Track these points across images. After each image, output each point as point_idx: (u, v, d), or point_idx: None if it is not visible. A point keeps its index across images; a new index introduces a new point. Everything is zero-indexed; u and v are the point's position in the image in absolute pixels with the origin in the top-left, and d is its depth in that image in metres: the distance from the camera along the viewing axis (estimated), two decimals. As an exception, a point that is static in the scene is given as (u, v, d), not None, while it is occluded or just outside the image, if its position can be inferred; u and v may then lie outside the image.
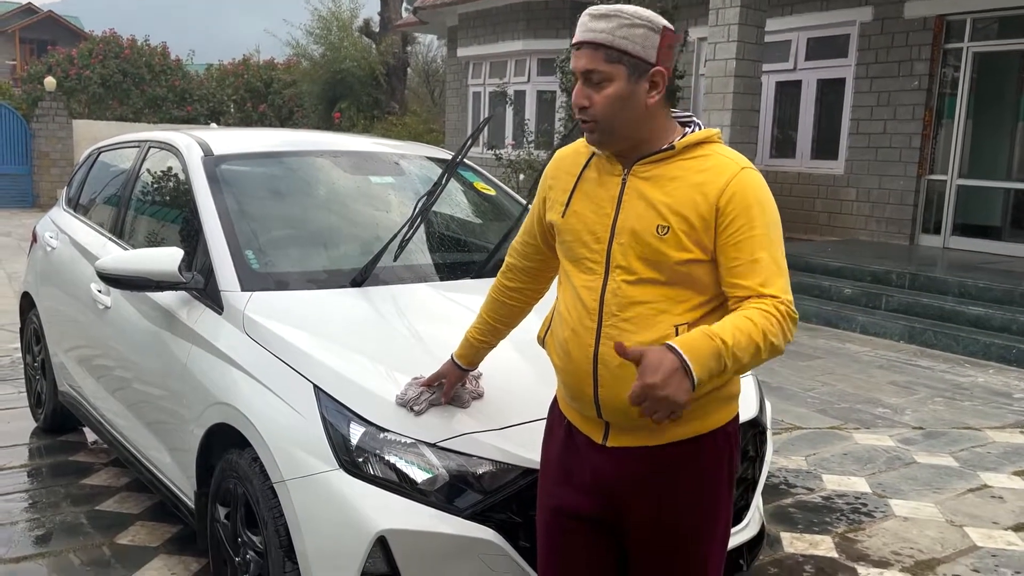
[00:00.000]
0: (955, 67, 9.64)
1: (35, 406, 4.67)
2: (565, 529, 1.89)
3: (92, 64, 23.66)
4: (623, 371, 1.67)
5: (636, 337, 1.69)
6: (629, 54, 1.68)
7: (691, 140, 1.74)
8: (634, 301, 1.71)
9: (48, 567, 3.15)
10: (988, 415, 5.31)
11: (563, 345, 1.81)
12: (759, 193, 1.71)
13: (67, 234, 4.15)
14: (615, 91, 1.69)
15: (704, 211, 1.68)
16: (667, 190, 1.71)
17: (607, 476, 1.81)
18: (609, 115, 1.70)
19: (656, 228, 1.69)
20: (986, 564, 3.35)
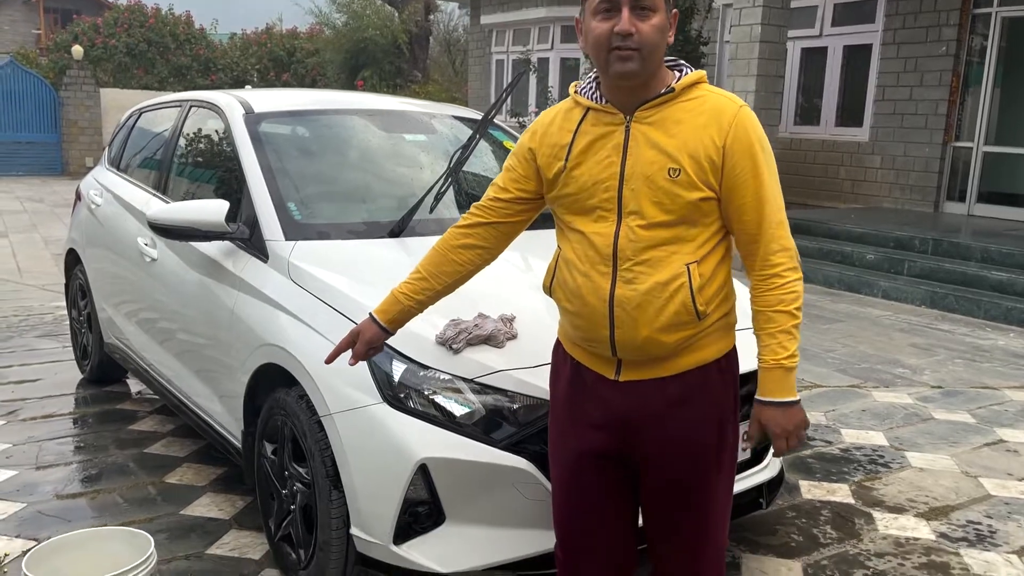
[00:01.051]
0: (983, 33, 9.56)
1: (81, 358, 4.87)
2: (578, 467, 1.97)
3: (117, 33, 23.81)
4: (639, 312, 1.78)
5: (651, 279, 1.77)
6: None
7: (687, 82, 1.81)
8: (648, 245, 1.78)
9: (99, 504, 3.35)
10: (1007, 375, 5.39)
11: (576, 291, 1.86)
12: (759, 132, 1.81)
13: (111, 192, 4.31)
14: (660, 21, 1.75)
15: (712, 152, 1.76)
16: (673, 133, 1.77)
17: (620, 410, 1.88)
18: (652, 44, 1.75)
19: (668, 171, 1.76)
20: (999, 511, 3.46)
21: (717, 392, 1.91)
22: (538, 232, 3.36)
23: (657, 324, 1.78)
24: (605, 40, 1.74)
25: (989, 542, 3.20)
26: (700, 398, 1.88)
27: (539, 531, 2.32)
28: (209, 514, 3.25)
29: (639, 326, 1.79)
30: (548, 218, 3.54)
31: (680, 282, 1.77)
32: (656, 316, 1.78)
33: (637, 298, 1.78)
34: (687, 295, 1.77)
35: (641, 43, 1.73)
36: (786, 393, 1.81)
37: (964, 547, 3.15)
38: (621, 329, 1.81)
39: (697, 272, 1.78)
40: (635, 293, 1.78)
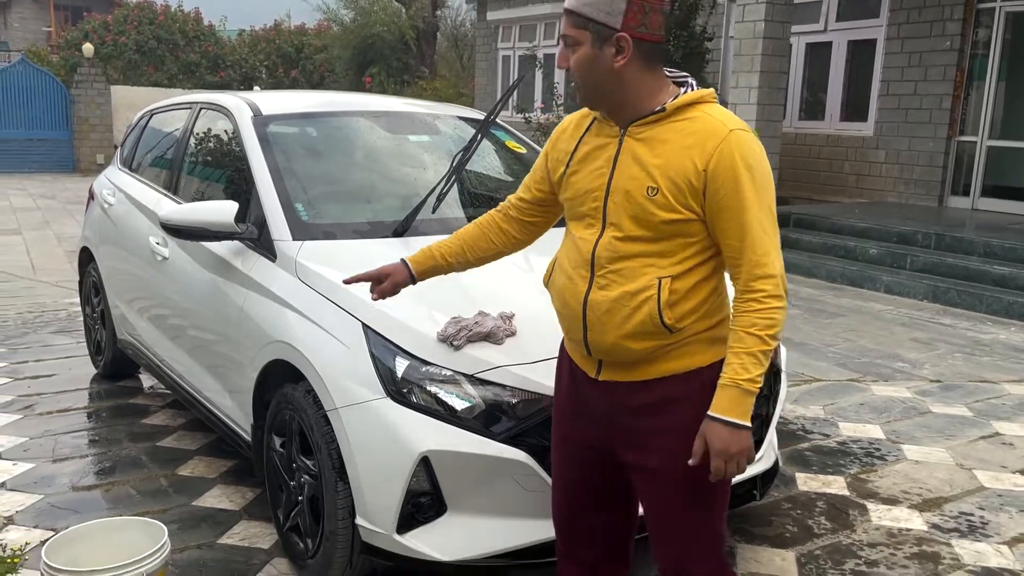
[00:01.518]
0: (987, 27, 9.57)
1: (94, 354, 4.99)
2: (573, 458, 2.05)
3: (127, 30, 23.97)
4: (608, 317, 1.85)
5: (621, 287, 1.83)
6: (593, 20, 1.77)
7: (682, 102, 1.81)
8: (623, 255, 1.83)
9: (114, 496, 3.45)
10: (1006, 369, 5.45)
11: (560, 292, 1.96)
12: (747, 156, 1.75)
13: (124, 191, 4.41)
14: (582, 55, 1.81)
15: (691, 175, 1.76)
16: (658, 152, 1.79)
17: (602, 408, 1.96)
18: (580, 77, 1.83)
19: (647, 189, 1.79)
20: (992, 503, 3.53)
21: (697, 400, 1.86)
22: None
23: (623, 331, 1.83)
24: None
25: (981, 533, 3.27)
26: (681, 405, 1.88)
27: (537, 521, 2.41)
28: (220, 505, 3.35)
29: (607, 330, 1.85)
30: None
31: (648, 294, 1.81)
32: (622, 323, 1.83)
33: (606, 304, 1.84)
34: (654, 307, 1.80)
35: (575, 76, 1.84)
36: (737, 414, 1.77)
37: (955, 538, 3.23)
38: (592, 331, 1.88)
39: (669, 287, 1.81)
40: (605, 299, 1.85)
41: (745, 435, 1.78)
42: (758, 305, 1.77)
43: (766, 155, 1.83)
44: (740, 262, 1.79)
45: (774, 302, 1.78)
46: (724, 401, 1.78)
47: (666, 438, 1.89)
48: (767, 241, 1.78)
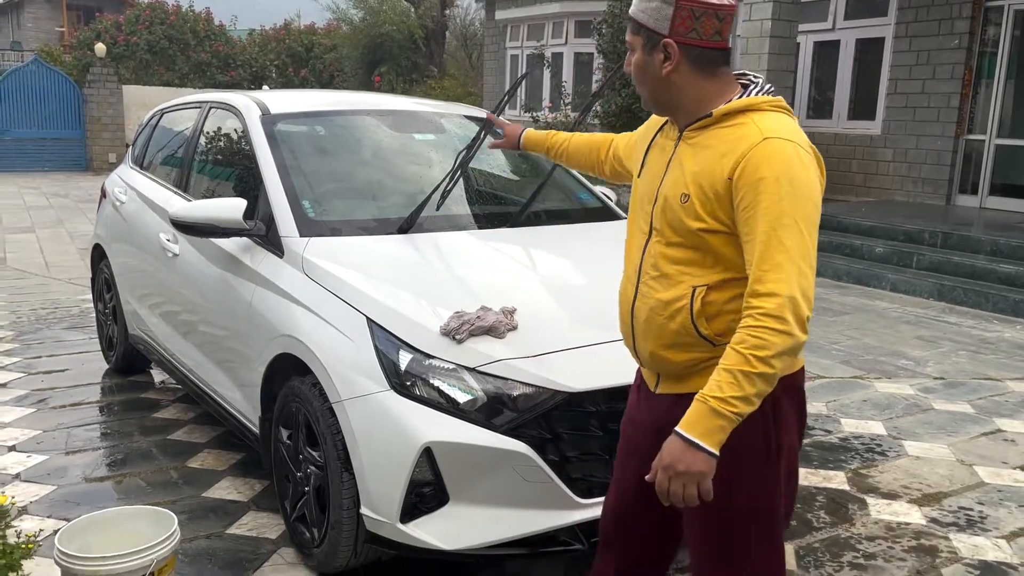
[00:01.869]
0: (996, 25, 9.56)
1: (106, 349, 5.07)
2: (629, 465, 2.01)
3: (139, 30, 24.13)
4: (646, 326, 1.84)
5: (658, 295, 1.80)
6: (644, 26, 1.78)
7: (730, 108, 1.74)
8: (663, 263, 1.80)
9: (125, 487, 3.52)
10: (1010, 367, 5.46)
11: (619, 299, 1.97)
12: (776, 166, 1.64)
13: (135, 189, 4.49)
14: (635, 60, 1.82)
15: (719, 184, 1.70)
16: (698, 159, 1.75)
17: (653, 420, 1.90)
18: (636, 82, 1.85)
19: (680, 196, 1.76)
20: (991, 498, 3.56)
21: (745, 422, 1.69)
22: (543, 228, 3.52)
23: (661, 340, 1.81)
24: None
25: (979, 527, 3.30)
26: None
27: (538, 511, 2.47)
28: (228, 496, 3.42)
29: (647, 339, 1.84)
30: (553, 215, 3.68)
31: (681, 304, 1.76)
32: (660, 333, 1.81)
33: (645, 312, 1.84)
34: (687, 317, 1.75)
35: (634, 81, 1.86)
36: (697, 433, 1.63)
37: (954, 532, 3.26)
38: (637, 339, 1.89)
39: (704, 297, 1.74)
40: (644, 307, 1.84)
41: (699, 458, 1.62)
42: (752, 322, 1.62)
43: (813, 168, 1.70)
44: (751, 272, 1.66)
45: (770, 322, 1.60)
46: (689, 415, 1.65)
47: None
48: (780, 256, 1.61)
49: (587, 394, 2.49)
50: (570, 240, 3.43)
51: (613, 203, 3.93)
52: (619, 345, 2.61)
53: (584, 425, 2.50)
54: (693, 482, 1.65)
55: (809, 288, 1.64)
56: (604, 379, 2.51)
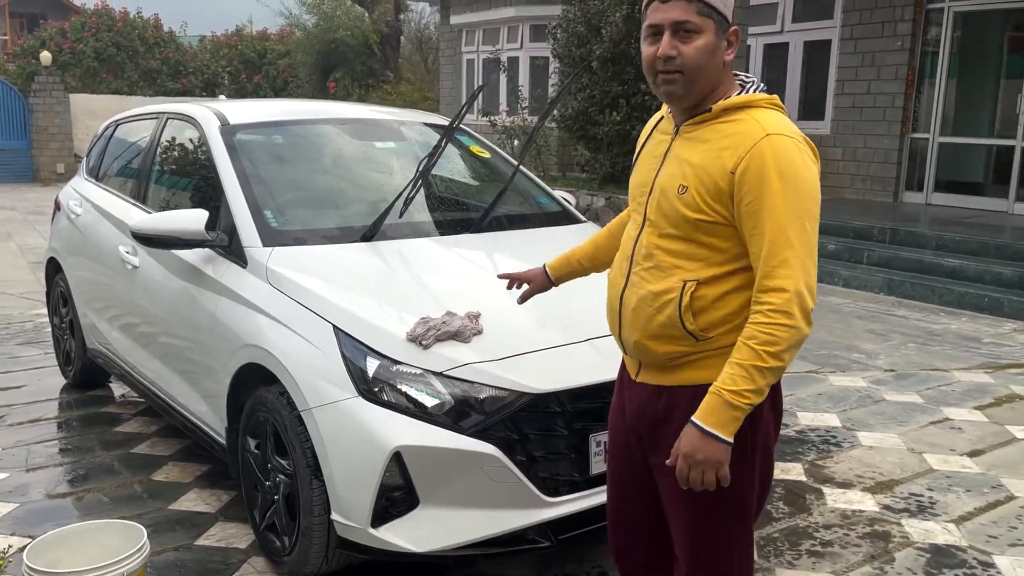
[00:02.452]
0: (937, 26, 9.86)
1: (64, 364, 5.00)
2: (619, 456, 2.06)
3: (86, 38, 23.69)
4: (634, 315, 1.86)
5: (649, 286, 1.83)
6: (717, 10, 1.76)
7: (730, 104, 1.79)
8: (656, 254, 1.83)
9: (89, 502, 3.49)
10: (957, 358, 5.66)
11: (608, 286, 1.99)
12: (780, 161, 1.69)
13: (91, 202, 4.44)
14: (705, 43, 1.75)
15: (719, 177, 1.73)
16: (696, 152, 1.79)
17: (634, 408, 1.96)
18: (697, 66, 1.76)
19: (678, 187, 1.79)
20: (940, 484, 3.70)
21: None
22: (505, 233, 3.57)
23: (647, 331, 1.84)
24: (651, 63, 1.81)
25: (929, 512, 3.43)
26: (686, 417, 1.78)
27: (507, 511, 2.52)
28: (196, 508, 3.41)
29: (634, 328, 1.87)
30: (514, 219, 3.74)
31: (670, 296, 1.79)
32: (647, 323, 1.83)
33: (634, 301, 1.86)
34: (674, 311, 1.78)
35: (683, 66, 1.76)
36: (713, 423, 1.69)
37: (906, 517, 3.39)
38: (624, 328, 1.91)
39: (693, 292, 1.77)
40: (634, 296, 1.87)
41: (716, 447, 1.69)
42: (762, 319, 1.68)
43: (813, 164, 1.76)
44: (758, 268, 1.72)
45: (780, 318, 1.66)
46: (705, 407, 1.71)
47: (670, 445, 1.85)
48: (787, 252, 1.68)
49: (552, 395, 2.55)
50: (531, 244, 3.48)
51: (572, 206, 4.00)
52: (582, 346, 2.70)
53: (550, 425, 2.56)
54: (712, 469, 1.72)
55: (813, 282, 1.71)
56: (568, 380, 2.58)
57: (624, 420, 2.02)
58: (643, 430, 1.94)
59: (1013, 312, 6.74)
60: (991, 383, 5.12)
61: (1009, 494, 3.60)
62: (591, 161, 11.57)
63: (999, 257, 7.42)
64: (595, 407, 2.58)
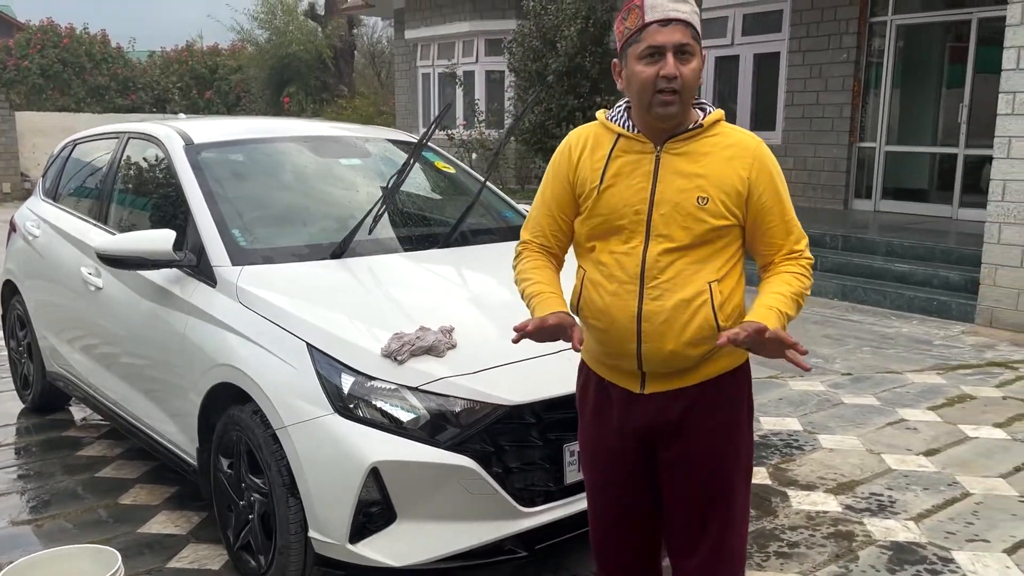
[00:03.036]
0: (881, 38, 10.18)
1: (21, 388, 4.90)
2: (605, 473, 2.12)
3: (31, 54, 23.23)
4: (666, 327, 1.91)
5: (676, 295, 1.91)
6: (699, 35, 1.92)
7: (712, 119, 1.97)
8: (673, 264, 1.92)
9: (55, 528, 3.43)
10: (909, 360, 5.84)
11: (605, 310, 1.97)
12: (775, 163, 2.00)
13: (49, 223, 4.38)
14: (698, 65, 1.91)
15: (738, 184, 1.92)
16: (702, 164, 1.92)
17: (643, 420, 2.01)
18: (693, 85, 1.90)
19: (697, 199, 1.91)
20: (899, 483, 3.82)
21: (733, 399, 2.05)
22: (473, 248, 3.61)
23: (683, 339, 1.91)
24: (650, 84, 1.88)
25: (890, 511, 3.54)
26: (716, 406, 2.01)
27: (484, 523, 2.56)
28: (166, 531, 3.38)
29: (666, 340, 1.92)
30: (480, 233, 3.78)
31: (703, 299, 1.90)
32: (682, 331, 1.90)
33: (664, 313, 1.91)
34: (709, 311, 1.90)
35: (683, 86, 1.88)
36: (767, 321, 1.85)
37: (867, 517, 3.49)
38: (648, 343, 1.93)
39: (718, 290, 1.92)
40: (662, 309, 1.91)
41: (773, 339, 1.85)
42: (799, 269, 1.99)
43: None
44: (783, 247, 2.00)
45: (808, 264, 2.02)
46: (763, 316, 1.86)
47: (695, 442, 2.01)
48: (796, 223, 2.02)
49: (526, 406, 2.60)
50: (499, 257, 3.51)
51: (537, 220, 4.06)
52: (554, 357, 2.74)
53: (525, 436, 2.61)
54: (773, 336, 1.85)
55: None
56: (542, 391, 2.63)
57: (617, 434, 2.06)
58: (659, 434, 2.03)
59: (960, 315, 6.96)
60: (943, 384, 5.29)
61: (964, 491, 3.73)
62: (549, 173, 11.65)
63: (945, 261, 7.67)
64: (569, 417, 2.60)
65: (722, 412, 2.03)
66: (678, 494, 2.07)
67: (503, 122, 13.54)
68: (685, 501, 2.06)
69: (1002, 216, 6.61)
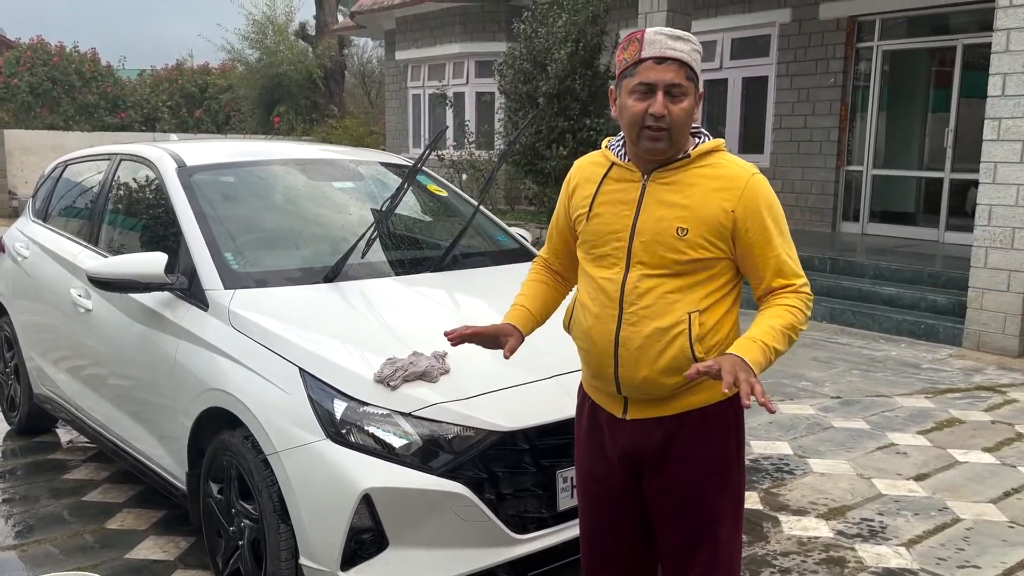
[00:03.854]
0: (867, 61, 10.31)
1: (8, 410, 4.85)
2: (595, 495, 2.14)
3: (20, 72, 23.19)
4: (640, 353, 1.92)
5: (652, 323, 1.91)
6: (696, 75, 1.93)
7: (703, 149, 1.96)
8: (652, 292, 1.92)
9: (42, 553, 3.39)
10: (898, 384, 5.86)
11: (587, 332, 2.02)
12: (768, 196, 1.95)
13: (39, 244, 4.36)
14: (689, 105, 1.91)
15: (721, 217, 1.90)
16: (686, 195, 1.92)
17: (629, 446, 2.03)
18: (681, 125, 1.91)
19: (676, 230, 1.91)
20: (890, 508, 3.83)
21: (718, 432, 2.02)
22: (465, 272, 3.61)
23: (657, 367, 1.92)
24: (639, 119, 1.90)
25: (881, 537, 3.55)
26: (701, 437, 2.00)
27: (476, 550, 2.54)
28: (153, 556, 3.34)
29: (639, 366, 1.93)
30: (473, 257, 3.78)
31: (680, 329, 1.90)
32: (656, 359, 1.91)
33: (639, 340, 1.92)
34: (685, 342, 1.90)
35: (671, 124, 1.89)
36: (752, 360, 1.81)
37: (859, 542, 3.49)
38: (624, 368, 1.96)
39: (698, 321, 1.90)
40: (637, 335, 1.92)
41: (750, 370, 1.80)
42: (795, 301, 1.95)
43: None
44: (773, 286, 1.97)
45: (807, 299, 1.97)
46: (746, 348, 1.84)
47: (681, 472, 2.00)
48: (793, 266, 1.98)
49: (519, 432, 2.59)
50: (492, 281, 3.53)
51: (529, 243, 4.07)
52: (547, 383, 2.74)
53: (518, 463, 2.60)
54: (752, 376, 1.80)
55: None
56: (535, 417, 2.62)
57: (605, 457, 2.08)
58: (642, 461, 2.03)
59: (948, 338, 7.01)
60: (932, 408, 5.31)
61: (955, 516, 3.74)
62: (539, 195, 11.72)
63: (932, 285, 7.73)
64: (562, 443, 2.61)
65: (706, 443, 2.01)
66: (665, 524, 2.07)
67: (493, 143, 13.60)
68: (672, 531, 2.07)
69: (988, 240, 6.68)
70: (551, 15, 11.02)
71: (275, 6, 23.13)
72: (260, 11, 22.87)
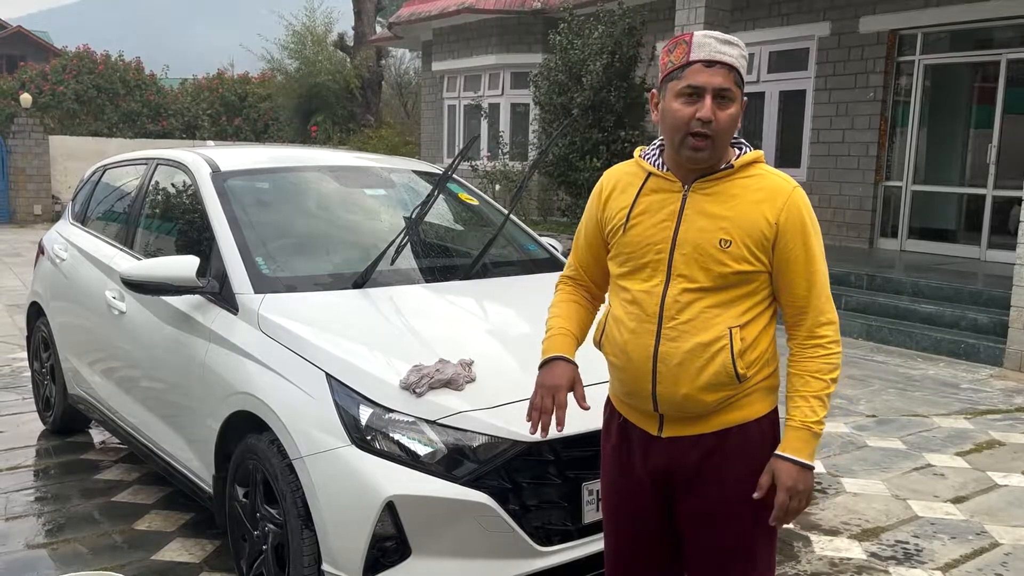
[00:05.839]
0: (908, 76, 10.15)
1: (43, 410, 4.92)
2: (622, 511, 2.08)
3: (66, 80, 23.74)
4: (680, 369, 1.87)
5: (694, 338, 1.86)
6: (743, 81, 1.88)
7: (746, 160, 1.91)
8: (692, 305, 1.87)
9: (70, 552, 3.42)
10: (936, 403, 5.73)
11: (623, 347, 1.95)
12: (810, 211, 1.91)
13: (76, 246, 4.43)
14: (736, 112, 1.86)
15: (764, 229, 1.86)
16: (728, 206, 1.87)
17: (664, 464, 1.97)
18: (727, 131, 1.86)
19: (719, 241, 1.85)
20: (925, 531, 3.73)
21: (756, 451, 1.94)
22: (494, 280, 3.60)
23: (698, 383, 1.86)
24: (684, 123, 1.84)
25: (916, 560, 3.45)
26: (739, 456, 1.93)
27: (499, 561, 2.51)
28: (180, 558, 3.35)
29: (680, 383, 1.88)
30: (502, 266, 3.77)
31: (722, 344, 1.85)
32: (697, 375, 1.86)
33: (679, 356, 1.87)
34: (727, 357, 1.85)
35: (717, 130, 1.83)
36: (806, 455, 1.85)
37: (893, 565, 3.40)
38: (662, 384, 1.90)
39: (739, 336, 1.86)
40: (677, 351, 1.87)
41: (811, 475, 1.87)
42: (823, 351, 1.89)
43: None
44: (806, 310, 1.90)
45: (835, 347, 1.91)
46: (795, 442, 1.86)
47: (716, 491, 1.94)
48: (826, 289, 1.91)
49: (545, 443, 2.55)
50: (521, 291, 3.51)
51: (560, 253, 4.05)
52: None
53: (543, 474, 2.57)
54: (808, 495, 1.89)
55: None
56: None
57: (635, 475, 2.03)
58: (675, 480, 1.97)
59: (988, 358, 6.84)
60: (971, 429, 5.18)
61: (993, 541, 3.63)
62: (572, 206, 11.70)
63: (973, 303, 7.56)
64: (588, 455, 2.58)
65: (744, 463, 1.93)
66: (696, 545, 2.01)
67: (527, 154, 13.62)
68: (704, 551, 2.00)
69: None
70: (587, 27, 11.03)
71: (315, 17, 23.44)
72: (300, 22, 23.20)
